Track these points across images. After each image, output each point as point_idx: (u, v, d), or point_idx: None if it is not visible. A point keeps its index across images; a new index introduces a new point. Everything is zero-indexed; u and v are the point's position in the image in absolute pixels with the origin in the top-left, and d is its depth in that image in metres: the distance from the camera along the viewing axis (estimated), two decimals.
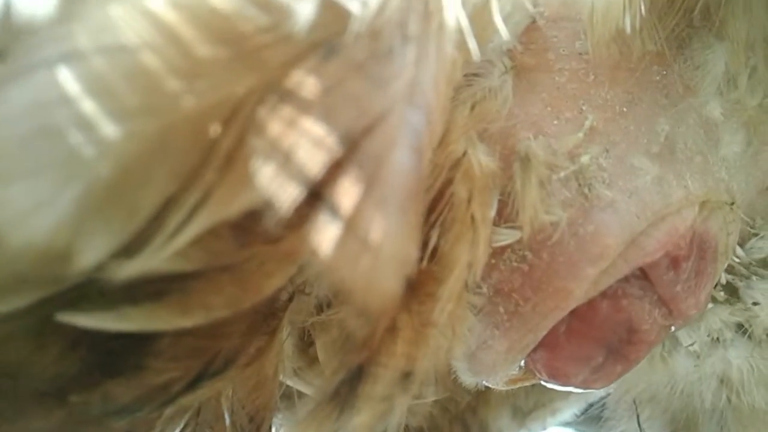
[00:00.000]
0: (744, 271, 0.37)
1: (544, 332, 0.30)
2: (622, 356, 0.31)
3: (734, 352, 0.39)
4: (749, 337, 0.38)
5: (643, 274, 0.30)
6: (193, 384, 0.25)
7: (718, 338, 0.39)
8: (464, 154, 0.26)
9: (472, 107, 0.26)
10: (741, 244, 0.37)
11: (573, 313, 0.30)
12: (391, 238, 0.21)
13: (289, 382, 0.35)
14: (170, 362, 0.24)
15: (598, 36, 0.27)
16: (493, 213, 0.27)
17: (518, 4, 0.27)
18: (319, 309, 0.30)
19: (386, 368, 0.25)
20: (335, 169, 0.20)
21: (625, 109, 0.28)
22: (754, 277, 0.37)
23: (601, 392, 0.50)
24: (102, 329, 0.21)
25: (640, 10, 0.26)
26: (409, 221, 0.21)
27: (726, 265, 0.35)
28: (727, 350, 0.39)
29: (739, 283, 0.37)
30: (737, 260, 0.37)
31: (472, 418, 0.57)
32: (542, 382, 0.33)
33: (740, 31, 0.29)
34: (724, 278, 0.37)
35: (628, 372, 0.32)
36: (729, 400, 0.41)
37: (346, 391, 0.25)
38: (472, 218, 0.26)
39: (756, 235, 0.37)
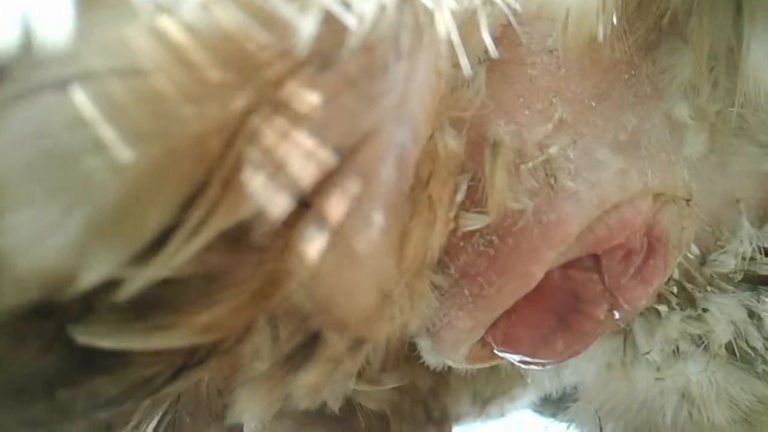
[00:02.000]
0: (703, 282, 0.38)
1: (505, 309, 0.31)
2: (568, 325, 0.32)
3: (693, 366, 0.40)
4: (705, 350, 0.39)
5: (594, 259, 0.31)
6: (175, 375, 0.25)
7: (675, 350, 0.40)
8: (431, 137, 0.26)
9: (449, 95, 0.27)
10: (705, 255, 0.38)
11: None
12: (373, 253, 0.21)
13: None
14: (154, 357, 0.24)
15: (570, 41, 0.28)
16: (460, 197, 0.28)
17: (494, 7, 0.27)
18: None
19: (341, 335, 0.25)
20: (325, 182, 0.21)
21: (593, 104, 0.29)
22: (713, 291, 0.38)
23: (563, 381, 0.51)
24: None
25: (612, 18, 0.27)
26: (391, 237, 0.22)
27: (678, 261, 0.36)
28: (686, 364, 0.40)
29: (698, 294, 0.38)
30: (699, 273, 0.38)
31: (433, 402, 0.58)
32: (494, 349, 0.33)
33: (703, 42, 0.30)
34: (686, 285, 0.38)
35: (575, 348, 0.33)
36: (690, 415, 0.42)
37: (301, 355, 0.26)
38: (429, 198, 0.26)
39: (721, 248, 0.38)
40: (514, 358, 0.33)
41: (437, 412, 0.59)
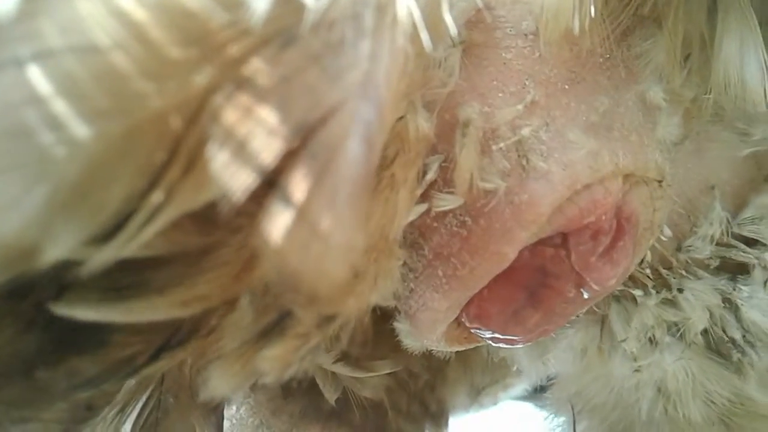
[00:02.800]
0: (679, 268, 0.39)
1: (479, 289, 0.31)
2: (538, 301, 0.32)
3: (669, 356, 0.40)
4: (681, 338, 0.40)
5: (562, 237, 0.31)
6: (155, 356, 0.25)
7: (652, 338, 0.40)
8: (401, 118, 0.26)
9: (422, 75, 0.27)
10: (680, 241, 0.39)
11: None
12: (340, 227, 0.21)
13: None
14: (133, 336, 0.24)
15: (548, 33, 0.29)
16: (431, 176, 0.29)
17: None
18: None
19: (310, 312, 0.25)
20: (288, 158, 0.21)
21: (567, 87, 0.30)
22: (688, 277, 0.39)
23: (550, 370, 0.51)
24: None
25: (590, 9, 0.28)
26: (357, 211, 0.22)
27: (651, 243, 0.36)
28: (663, 354, 0.40)
29: (673, 280, 0.39)
30: (675, 258, 0.38)
31: (430, 396, 0.58)
32: (467, 325, 0.34)
33: (678, 31, 0.31)
34: (662, 271, 0.39)
35: (545, 327, 0.34)
36: (665, 410, 0.42)
37: (272, 333, 0.26)
38: (392, 176, 0.27)
39: (695, 234, 0.38)
40: (486, 334, 0.34)
41: (434, 406, 0.59)
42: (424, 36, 0.23)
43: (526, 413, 0.70)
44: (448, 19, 0.25)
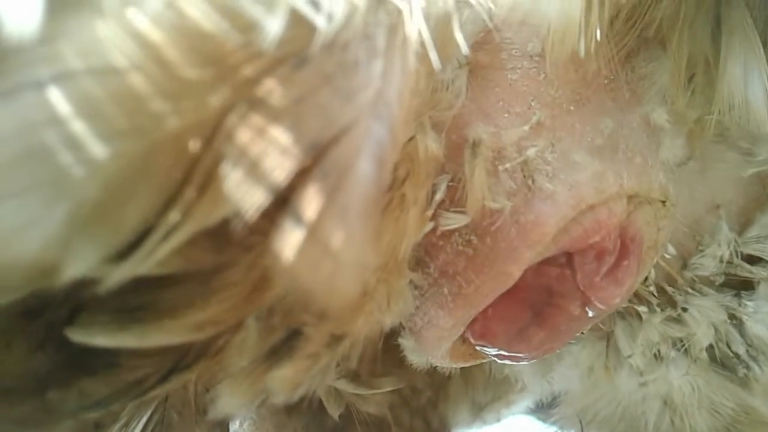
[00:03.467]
0: (684, 285, 0.39)
1: (484, 307, 0.32)
2: (543, 319, 0.33)
3: (675, 371, 0.40)
4: (686, 353, 0.40)
5: (567, 257, 0.32)
6: (165, 378, 0.25)
7: (657, 354, 0.40)
8: (412, 138, 0.27)
9: (431, 97, 0.28)
10: (686, 259, 0.39)
11: None
12: (351, 245, 0.22)
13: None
14: (143, 359, 0.25)
15: (553, 54, 0.29)
16: (439, 196, 0.29)
17: (475, 13, 0.28)
18: None
19: (320, 331, 0.26)
20: (301, 177, 0.21)
21: (572, 108, 0.30)
22: (694, 294, 0.39)
23: (554, 388, 0.51)
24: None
25: (596, 32, 0.28)
26: (368, 229, 0.22)
27: (656, 262, 0.36)
28: (669, 369, 0.40)
29: (678, 297, 0.39)
30: (680, 276, 0.39)
31: (432, 412, 0.58)
32: (472, 342, 0.34)
33: (683, 52, 0.31)
34: (667, 289, 0.39)
35: (550, 344, 0.34)
36: (672, 422, 0.42)
37: (281, 351, 0.26)
38: (403, 197, 0.27)
39: (701, 252, 0.38)
40: (491, 352, 0.34)
41: (436, 422, 0.59)
42: (434, 56, 0.24)
43: (529, 428, 0.69)
44: (459, 39, 0.26)
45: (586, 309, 0.32)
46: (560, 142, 0.29)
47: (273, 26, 0.20)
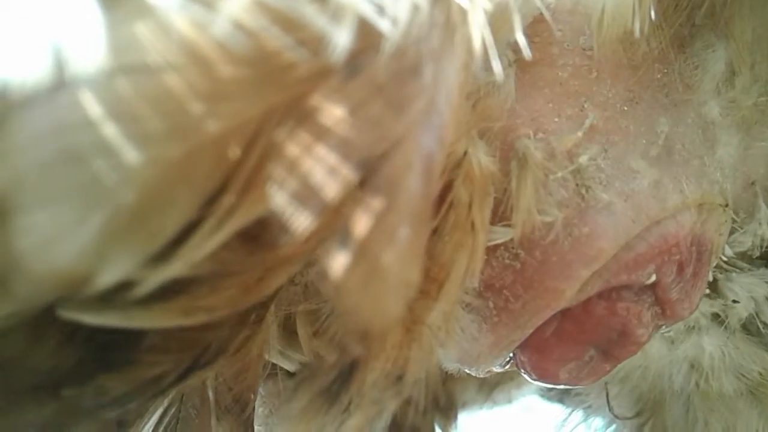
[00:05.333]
0: (724, 264, 0.37)
1: (531, 330, 0.30)
2: (612, 356, 0.31)
3: (708, 339, 0.40)
4: (725, 326, 0.39)
5: (639, 288, 0.30)
6: (184, 375, 0.24)
7: (693, 326, 0.40)
8: (465, 154, 0.25)
9: (475, 104, 0.26)
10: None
11: (565, 314, 0.30)
12: (398, 264, 0.20)
13: (273, 360, 0.35)
14: (162, 355, 0.24)
15: (605, 36, 0.27)
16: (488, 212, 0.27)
17: (528, 1, 0.26)
18: (305, 296, 0.30)
19: (376, 367, 0.25)
20: (350, 195, 0.20)
21: (626, 108, 0.28)
22: (734, 271, 0.38)
23: None
24: (103, 325, 0.21)
25: (650, 12, 0.26)
26: (416, 246, 0.21)
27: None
28: (701, 337, 0.40)
29: (719, 275, 0.38)
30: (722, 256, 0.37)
31: (440, 389, 0.58)
32: (529, 380, 0.33)
33: (745, 30, 0.29)
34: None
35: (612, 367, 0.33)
36: (698, 384, 0.42)
37: (337, 388, 0.25)
38: (473, 224, 0.25)
39: (738, 229, 0.37)
40: (557, 386, 0.33)
41: (443, 399, 0.59)
42: (495, 61, 0.22)
43: (541, 410, 0.69)
44: (520, 38, 0.24)
45: (659, 327, 0.31)
46: (614, 146, 0.28)
47: (342, 37, 0.18)
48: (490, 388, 0.63)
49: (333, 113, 0.19)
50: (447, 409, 0.61)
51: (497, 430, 0.68)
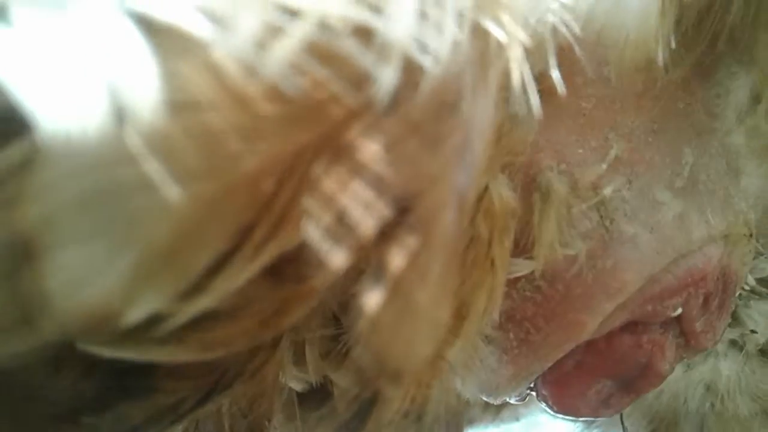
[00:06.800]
0: (744, 292, 0.37)
1: (552, 362, 0.30)
2: (634, 389, 0.31)
3: (725, 363, 0.39)
4: (743, 353, 0.39)
5: (664, 322, 0.30)
6: (202, 400, 0.24)
7: (711, 352, 0.39)
8: (486, 189, 0.25)
9: (499, 139, 0.25)
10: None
11: (588, 347, 0.30)
12: (431, 304, 0.20)
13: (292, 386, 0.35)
14: (181, 382, 0.23)
15: (628, 65, 0.26)
16: (508, 243, 0.26)
17: (557, 33, 0.25)
18: (323, 321, 0.30)
19: (395, 405, 0.24)
20: (384, 233, 0.19)
21: (650, 139, 0.28)
22: (752, 298, 0.38)
23: None
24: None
25: (670, 40, 0.26)
26: (447, 285, 0.21)
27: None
28: (719, 362, 0.40)
29: (738, 302, 0.37)
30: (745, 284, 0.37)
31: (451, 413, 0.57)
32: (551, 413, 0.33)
33: (766, 55, 0.29)
34: None
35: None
36: (713, 405, 0.42)
37: (356, 425, 0.25)
38: (492, 262, 0.25)
39: (758, 256, 0.37)
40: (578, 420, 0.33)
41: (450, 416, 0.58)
42: (534, 97, 0.22)
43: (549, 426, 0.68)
44: (555, 75, 0.23)
45: (682, 358, 0.31)
46: (638, 178, 0.27)
47: (387, 76, 0.18)
48: (498, 406, 0.63)
49: (369, 149, 0.19)
50: (451, 425, 0.61)
51: None
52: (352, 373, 0.24)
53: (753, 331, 0.38)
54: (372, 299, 0.20)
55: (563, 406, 0.31)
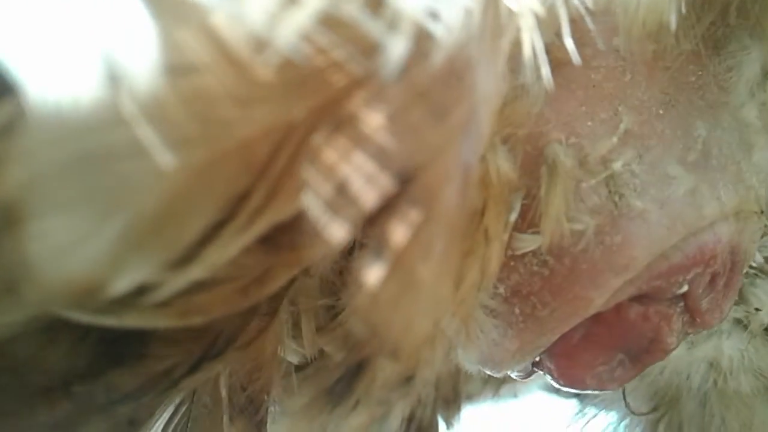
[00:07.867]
0: (751, 270, 0.37)
1: (557, 336, 0.29)
2: (640, 362, 0.31)
3: (729, 342, 0.39)
4: (747, 331, 0.39)
5: (672, 297, 0.30)
6: (194, 367, 0.24)
7: (715, 330, 0.39)
8: (482, 158, 0.24)
9: (501, 109, 0.24)
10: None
11: (596, 318, 0.29)
12: (432, 278, 0.20)
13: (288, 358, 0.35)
14: (171, 347, 0.24)
15: (637, 32, 0.25)
16: (513, 218, 0.26)
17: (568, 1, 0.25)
18: (321, 291, 0.30)
19: (385, 370, 0.24)
20: (386, 206, 0.19)
21: (661, 112, 0.27)
22: (759, 277, 0.37)
23: None
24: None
25: (681, 5, 0.25)
26: (450, 261, 0.20)
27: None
28: (722, 341, 0.39)
29: (744, 281, 0.37)
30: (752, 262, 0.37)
31: (448, 384, 0.58)
32: (556, 385, 0.32)
33: None
34: None
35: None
36: (715, 382, 0.42)
37: (342, 388, 0.25)
38: (486, 233, 0.25)
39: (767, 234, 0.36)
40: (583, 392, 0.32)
41: (448, 391, 0.59)
42: (545, 67, 0.21)
43: (546, 405, 0.69)
44: (569, 43, 0.22)
45: (688, 334, 0.31)
46: (649, 152, 0.27)
47: (397, 47, 0.18)
48: (497, 383, 0.63)
49: (373, 119, 0.18)
50: (451, 401, 0.61)
51: (507, 425, 0.68)
52: (340, 340, 0.24)
53: (758, 310, 0.37)
54: (372, 274, 0.19)
55: (569, 378, 0.31)
